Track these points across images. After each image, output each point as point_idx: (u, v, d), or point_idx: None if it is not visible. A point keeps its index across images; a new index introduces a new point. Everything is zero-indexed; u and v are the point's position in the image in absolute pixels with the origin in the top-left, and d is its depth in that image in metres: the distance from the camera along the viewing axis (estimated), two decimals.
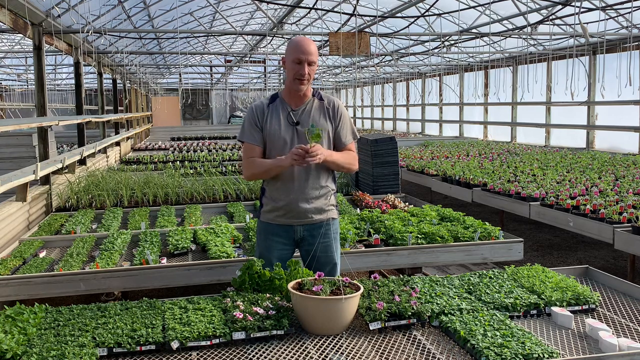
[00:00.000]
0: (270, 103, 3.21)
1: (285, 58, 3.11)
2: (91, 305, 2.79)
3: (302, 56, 3.02)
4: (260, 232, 3.30)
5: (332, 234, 3.24)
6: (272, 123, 3.15)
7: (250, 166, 3.17)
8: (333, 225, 3.27)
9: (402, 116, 24.50)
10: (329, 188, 3.25)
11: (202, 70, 26.42)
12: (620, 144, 12.36)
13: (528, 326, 2.68)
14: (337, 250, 3.28)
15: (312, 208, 3.16)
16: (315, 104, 3.21)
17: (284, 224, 3.19)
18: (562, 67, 13.74)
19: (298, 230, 3.19)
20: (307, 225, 3.18)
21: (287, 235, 3.21)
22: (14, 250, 4.60)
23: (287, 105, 3.19)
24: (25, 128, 6.32)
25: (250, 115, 3.21)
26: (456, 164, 9.91)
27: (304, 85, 3.09)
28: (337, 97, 3.35)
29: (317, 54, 3.09)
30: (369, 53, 9.41)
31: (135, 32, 11.22)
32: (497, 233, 4.69)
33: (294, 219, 3.17)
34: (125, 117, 14.44)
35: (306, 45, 3.03)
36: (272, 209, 3.20)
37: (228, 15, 14.33)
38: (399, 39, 15.38)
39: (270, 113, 3.18)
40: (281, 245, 3.21)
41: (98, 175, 7.24)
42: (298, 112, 3.17)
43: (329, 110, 3.22)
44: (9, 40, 16.76)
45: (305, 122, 3.13)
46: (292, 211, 3.15)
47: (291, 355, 2.38)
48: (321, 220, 3.20)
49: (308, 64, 3.04)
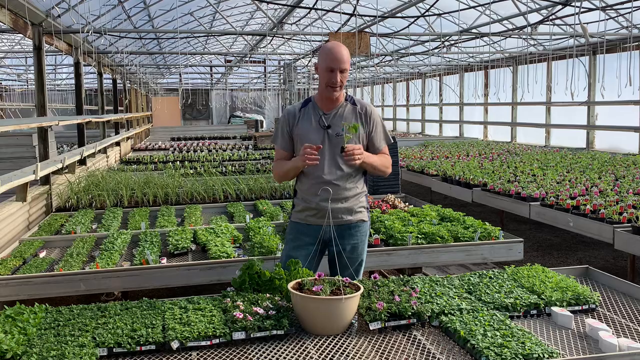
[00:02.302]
0: (303, 107, 3.28)
1: (318, 65, 3.15)
2: (91, 305, 2.79)
3: (334, 65, 3.06)
4: (290, 231, 3.36)
5: (360, 236, 3.29)
6: (303, 126, 3.21)
7: (276, 167, 3.31)
8: (362, 228, 3.30)
9: (402, 116, 24.51)
10: (359, 189, 3.27)
11: (202, 70, 26.42)
12: (620, 144, 12.36)
13: (528, 326, 2.68)
14: (364, 252, 3.33)
15: (342, 208, 3.20)
16: (348, 108, 3.24)
17: (314, 224, 3.22)
18: (562, 67, 13.75)
19: (327, 230, 3.18)
20: (336, 225, 3.17)
21: (316, 235, 3.21)
22: (14, 250, 4.60)
23: (319, 109, 3.23)
24: (25, 128, 6.32)
25: (282, 120, 3.31)
26: (456, 164, 9.91)
27: (336, 92, 3.14)
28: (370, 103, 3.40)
29: (349, 60, 3.14)
30: (369, 53, 9.41)
31: (135, 32, 11.21)
32: (497, 233, 4.69)
33: (324, 219, 3.15)
34: (125, 117, 14.44)
35: (338, 54, 3.07)
36: (303, 208, 3.26)
37: (228, 15, 14.33)
38: (399, 39, 15.37)
39: (302, 116, 3.24)
40: (309, 245, 3.23)
41: (98, 175, 7.23)
42: (330, 116, 3.21)
43: (362, 115, 3.25)
44: (9, 40, 16.76)
45: (336, 125, 3.16)
46: (321, 210, 3.15)
47: (291, 355, 2.38)
48: (350, 222, 3.24)
49: (340, 72, 3.08)
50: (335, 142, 3.14)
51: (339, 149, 3.07)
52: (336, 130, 3.16)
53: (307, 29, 14.04)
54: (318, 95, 3.28)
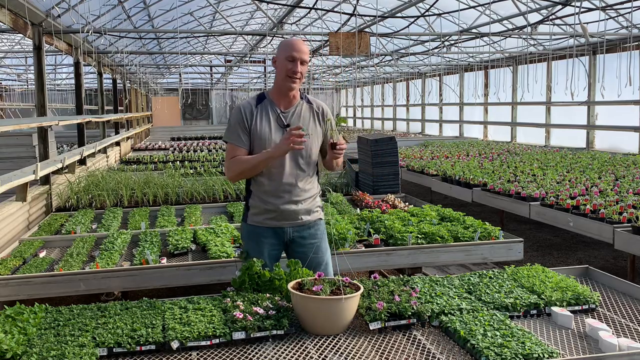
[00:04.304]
0: (259, 103, 3.16)
1: (277, 57, 3.08)
2: (91, 305, 2.79)
3: (295, 54, 3.00)
4: (249, 236, 3.21)
5: (320, 234, 3.28)
6: (262, 125, 3.10)
7: (235, 164, 3.07)
8: (321, 226, 3.30)
9: (402, 116, 24.51)
10: (316, 190, 3.27)
11: (202, 70, 26.42)
12: (620, 144, 12.36)
13: (528, 326, 2.68)
14: (327, 250, 3.30)
15: (302, 209, 3.17)
16: (305, 107, 3.19)
17: (274, 227, 3.16)
18: (562, 67, 13.75)
19: (288, 232, 3.18)
20: (296, 226, 3.18)
21: (277, 237, 3.19)
22: (14, 250, 4.60)
23: (277, 107, 3.15)
24: (25, 128, 6.32)
25: (238, 115, 3.12)
26: (456, 164, 9.91)
27: (295, 83, 3.06)
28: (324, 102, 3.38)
29: (308, 54, 3.09)
30: (369, 53, 9.41)
31: (135, 32, 11.21)
32: (497, 233, 4.69)
33: (284, 221, 3.15)
34: (125, 117, 14.44)
35: (300, 44, 3.05)
36: (262, 211, 3.15)
37: (228, 15, 14.33)
38: (399, 39, 15.38)
39: (260, 114, 3.12)
40: (271, 247, 3.19)
41: (98, 175, 7.23)
42: (288, 115, 3.14)
43: (319, 114, 3.22)
44: (9, 40, 16.76)
45: (295, 124, 3.10)
46: (282, 212, 3.12)
47: (291, 355, 2.38)
48: (309, 222, 3.22)
49: (301, 63, 3.02)
50: None
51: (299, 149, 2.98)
52: None
53: (307, 29, 14.04)
54: (274, 90, 3.16)
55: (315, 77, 23.79)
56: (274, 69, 3.15)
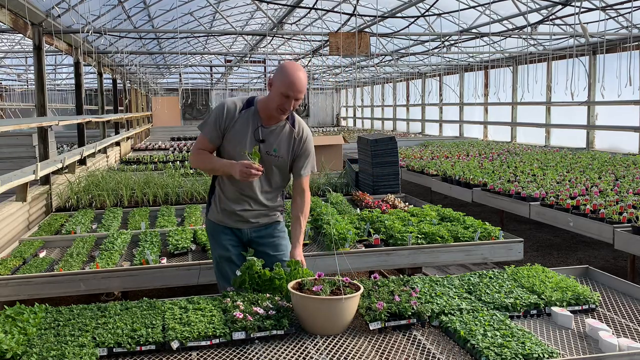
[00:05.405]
0: (244, 109, 3.15)
1: (274, 82, 3.01)
2: (91, 305, 2.79)
3: (291, 92, 2.96)
4: (214, 232, 3.33)
5: (278, 233, 3.35)
6: (238, 131, 3.12)
7: (198, 158, 3.22)
8: (279, 225, 3.36)
9: (402, 116, 24.50)
10: (277, 203, 3.34)
11: (202, 70, 26.41)
12: (620, 144, 12.36)
13: (528, 326, 2.68)
14: (287, 247, 3.35)
15: (260, 215, 3.28)
16: (286, 129, 3.18)
17: (233, 227, 3.27)
18: (562, 67, 13.75)
19: (246, 233, 3.28)
20: (254, 228, 3.28)
21: (236, 236, 3.29)
22: (14, 250, 4.60)
23: (259, 119, 3.14)
24: (25, 128, 6.31)
25: (219, 113, 3.14)
26: (456, 164, 9.91)
27: (284, 114, 3.09)
28: (307, 125, 3.37)
29: (305, 88, 3.06)
30: (369, 53, 9.41)
31: (135, 32, 11.22)
32: (497, 233, 4.69)
33: (241, 224, 3.26)
34: (125, 117, 14.44)
35: (298, 81, 2.96)
36: (221, 210, 3.26)
37: (228, 15, 14.33)
38: (399, 39, 15.38)
39: (241, 120, 3.13)
40: (232, 244, 3.27)
41: (98, 175, 7.23)
42: (267, 131, 3.14)
43: (296, 140, 3.20)
44: (9, 40, 16.76)
45: (270, 142, 3.13)
46: (241, 217, 3.23)
47: (291, 355, 2.38)
48: (266, 224, 3.31)
49: (295, 100, 3.00)
50: (265, 158, 3.10)
51: (267, 165, 3.08)
52: (267, 148, 3.12)
53: (307, 29, 14.04)
54: (264, 106, 3.13)
55: (315, 77, 23.80)
56: (268, 91, 3.11)
